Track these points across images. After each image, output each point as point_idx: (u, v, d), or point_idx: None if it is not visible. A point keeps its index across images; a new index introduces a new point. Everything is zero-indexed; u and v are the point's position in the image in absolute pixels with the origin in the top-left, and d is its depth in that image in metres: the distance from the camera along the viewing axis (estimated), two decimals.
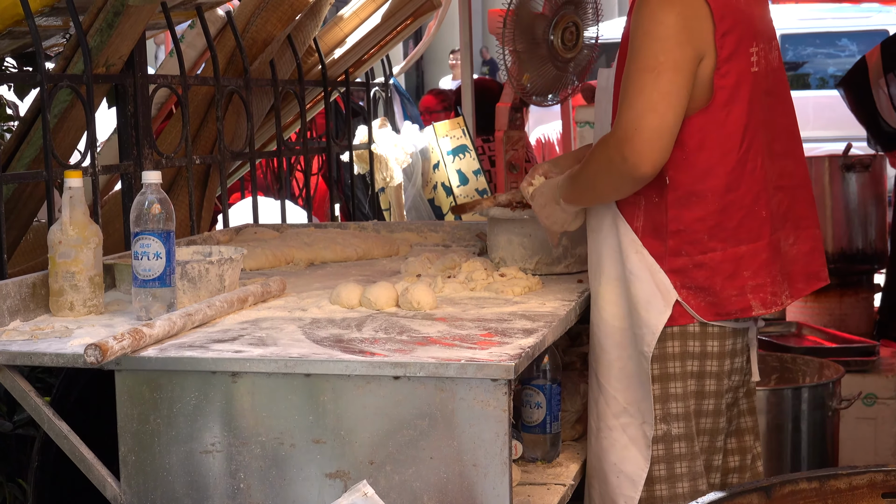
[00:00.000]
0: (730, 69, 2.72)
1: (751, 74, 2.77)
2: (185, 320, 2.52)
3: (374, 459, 2.27)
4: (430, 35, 6.34)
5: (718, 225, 2.75)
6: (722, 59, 2.70)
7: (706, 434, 2.87)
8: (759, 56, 2.80)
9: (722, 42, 2.70)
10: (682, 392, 2.81)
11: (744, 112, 2.75)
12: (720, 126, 2.74)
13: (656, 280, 2.77)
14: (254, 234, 3.91)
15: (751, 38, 2.78)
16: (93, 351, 2.25)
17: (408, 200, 5.63)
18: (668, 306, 2.77)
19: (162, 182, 2.68)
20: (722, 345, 2.83)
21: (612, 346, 2.86)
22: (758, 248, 2.77)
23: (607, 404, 2.88)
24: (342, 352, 2.33)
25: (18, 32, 3.71)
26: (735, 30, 2.73)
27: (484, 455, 2.23)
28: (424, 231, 4.00)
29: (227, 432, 2.33)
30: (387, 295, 2.78)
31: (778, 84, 2.90)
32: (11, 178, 3.23)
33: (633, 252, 2.80)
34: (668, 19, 2.65)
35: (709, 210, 2.74)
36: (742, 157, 2.75)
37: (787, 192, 2.88)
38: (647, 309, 2.78)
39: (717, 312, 2.77)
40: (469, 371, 2.22)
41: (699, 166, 2.74)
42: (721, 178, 2.74)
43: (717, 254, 2.75)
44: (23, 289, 2.74)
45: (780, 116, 2.89)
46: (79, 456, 2.44)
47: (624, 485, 2.84)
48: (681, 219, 2.76)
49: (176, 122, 4.17)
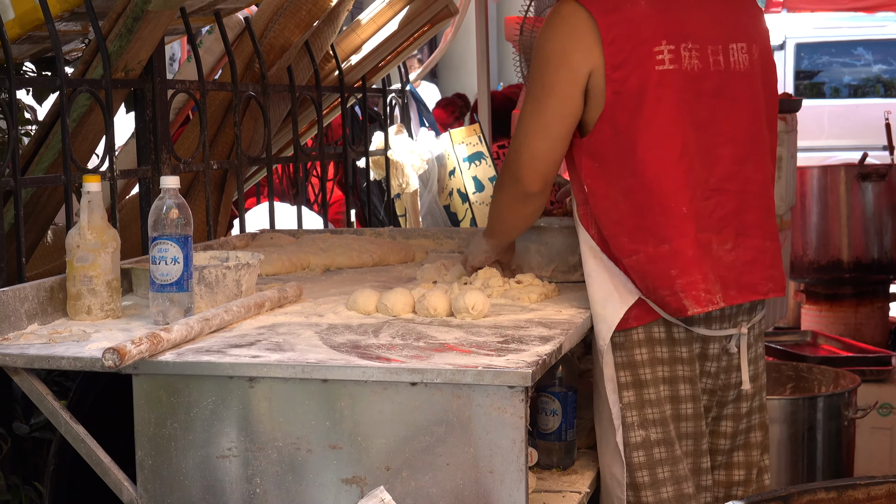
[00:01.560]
0: (626, 74, 2.76)
1: (656, 74, 2.77)
2: (202, 325, 2.52)
3: (390, 465, 2.27)
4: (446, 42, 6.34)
5: (637, 225, 2.78)
6: (611, 67, 2.75)
7: (689, 438, 2.90)
8: (686, 54, 2.80)
9: (610, 49, 2.75)
10: (655, 398, 2.85)
11: (648, 113, 2.77)
12: (622, 130, 2.78)
13: (615, 281, 2.83)
14: (270, 240, 3.91)
15: (658, 38, 2.78)
16: (111, 355, 2.25)
17: (423, 207, 5.62)
18: (624, 304, 2.82)
19: (180, 187, 2.68)
20: (690, 350, 2.87)
21: (595, 350, 2.91)
22: (682, 246, 2.78)
23: (599, 409, 2.93)
24: (359, 357, 2.33)
25: (38, 37, 3.72)
26: (628, 35, 2.76)
27: (500, 462, 2.23)
28: (440, 238, 4.00)
29: (244, 437, 2.33)
30: (403, 301, 2.78)
31: (732, 87, 2.87)
32: (30, 182, 3.23)
33: (592, 257, 2.87)
34: (549, 44, 2.81)
35: (623, 212, 2.80)
36: (650, 156, 2.77)
37: (731, 197, 2.86)
38: (604, 306, 2.83)
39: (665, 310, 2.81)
40: (486, 378, 2.22)
41: (610, 171, 2.80)
42: (629, 179, 2.78)
43: (641, 255, 2.79)
44: (41, 292, 2.75)
45: (728, 119, 2.87)
46: (95, 460, 2.44)
47: (615, 485, 2.88)
48: (607, 224, 2.82)
49: (193, 127, 4.18)
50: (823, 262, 5.73)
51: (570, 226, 3.08)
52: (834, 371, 4.36)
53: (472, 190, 5.66)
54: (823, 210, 5.78)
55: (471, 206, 5.63)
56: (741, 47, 2.89)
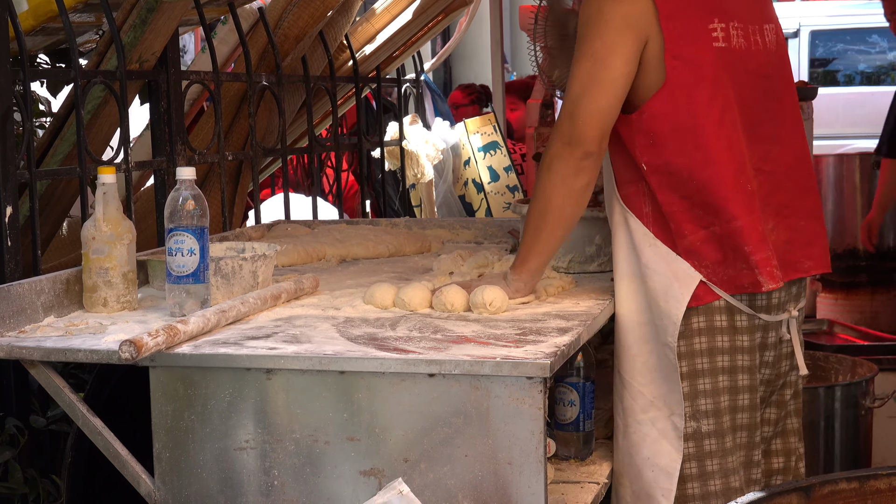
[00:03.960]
0: (682, 49, 2.72)
1: (714, 51, 2.75)
2: (218, 317, 2.51)
3: (408, 457, 2.26)
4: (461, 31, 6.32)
5: (705, 202, 2.74)
6: (670, 41, 2.71)
7: (744, 430, 2.84)
8: (734, 33, 2.79)
9: (668, 24, 2.71)
10: (711, 388, 2.79)
11: (709, 88, 2.74)
12: (683, 105, 2.73)
13: (673, 269, 2.76)
14: (286, 231, 3.91)
15: (710, 15, 2.76)
16: (128, 347, 2.24)
17: (438, 197, 5.61)
18: (687, 292, 2.75)
19: (196, 178, 2.67)
20: (752, 338, 2.81)
21: (634, 342, 2.85)
22: (752, 222, 2.76)
23: (633, 399, 2.86)
24: (377, 349, 2.32)
25: (52, 29, 3.71)
26: (683, 9, 2.73)
27: (519, 453, 2.22)
28: (456, 228, 3.98)
29: (262, 429, 2.32)
30: (420, 296, 2.76)
31: (768, 67, 2.87)
32: (45, 175, 3.23)
33: (647, 246, 2.79)
34: (608, 6, 2.73)
35: (689, 188, 2.74)
36: (714, 132, 2.74)
37: (767, 177, 2.84)
38: (666, 300, 2.77)
39: (736, 286, 2.76)
40: (504, 369, 2.20)
41: (669, 147, 2.75)
42: (693, 155, 2.74)
43: (714, 230, 2.74)
44: (57, 285, 2.74)
45: (767, 100, 2.86)
46: (113, 452, 2.44)
47: (660, 478, 2.81)
48: (670, 201, 2.76)
49: (208, 118, 4.17)
50: (839, 250, 5.71)
51: (587, 216, 3.05)
52: (851, 360, 4.33)
53: (488, 179, 5.65)
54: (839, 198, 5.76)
55: (486, 195, 5.62)
56: (771, 28, 2.90)
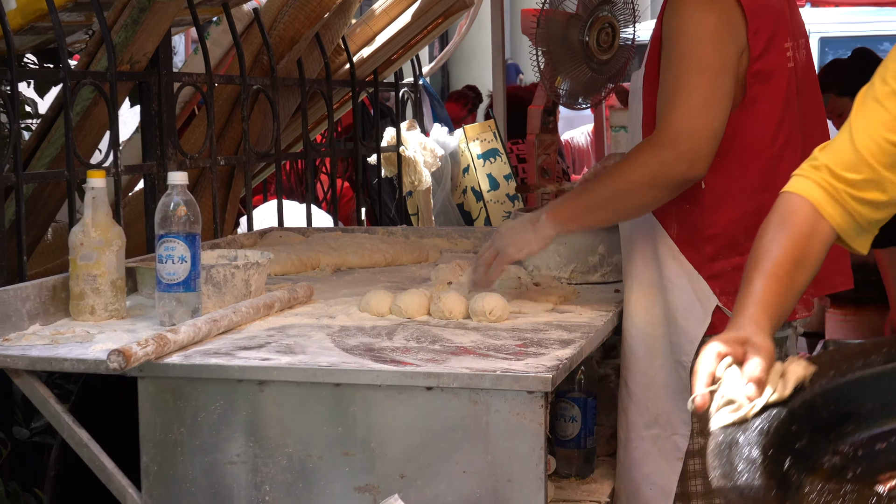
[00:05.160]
0: (763, 66, 2.72)
1: (787, 70, 2.76)
2: (210, 326, 2.51)
3: (404, 473, 2.26)
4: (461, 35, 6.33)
5: (754, 226, 2.72)
6: (754, 57, 2.70)
7: None
8: (795, 52, 2.80)
9: (755, 40, 2.69)
10: None
11: (777, 109, 2.74)
12: (752, 124, 2.73)
13: (695, 288, 2.76)
14: (279, 238, 3.91)
15: (785, 34, 2.77)
16: (116, 357, 2.24)
17: (436, 205, 5.61)
18: (707, 314, 2.75)
19: (188, 183, 2.67)
20: None
21: (645, 354, 2.85)
22: None
23: (639, 414, 2.86)
24: (373, 361, 2.32)
25: (40, 28, 3.72)
26: (766, 26, 2.72)
27: (519, 470, 2.22)
28: (455, 237, 3.98)
29: (253, 443, 2.31)
30: (418, 303, 2.77)
31: (808, 83, 2.88)
32: (32, 178, 3.23)
33: (671, 259, 2.79)
34: (709, 18, 2.66)
35: (744, 210, 2.73)
36: (776, 154, 2.74)
37: None
38: (686, 318, 2.77)
39: None
40: (505, 382, 2.20)
41: (733, 167, 2.73)
42: (754, 177, 2.73)
43: None
44: (43, 291, 2.74)
45: (809, 118, 2.87)
46: (99, 465, 2.43)
47: (657, 497, 2.83)
48: (716, 222, 2.75)
49: (200, 121, 4.17)
50: None
51: None
52: None
53: (487, 188, 5.65)
54: None
55: (485, 204, 5.62)
56: (803, 42, 2.90)
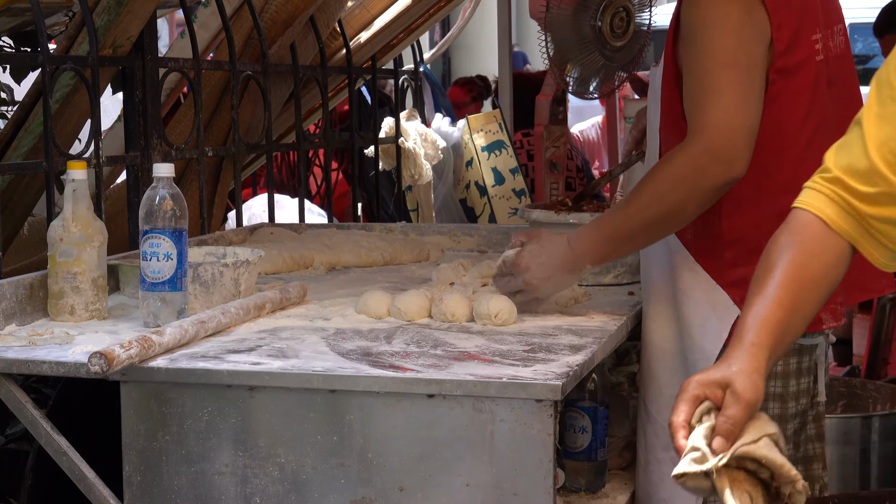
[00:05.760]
0: (787, 62, 2.70)
1: (815, 64, 2.74)
2: (197, 328, 2.52)
3: (403, 485, 2.26)
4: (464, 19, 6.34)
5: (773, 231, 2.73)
6: (779, 53, 2.69)
7: None
8: (824, 42, 2.77)
9: (778, 35, 2.68)
10: None
11: (801, 106, 2.73)
12: (774, 123, 2.71)
13: (712, 299, 2.75)
14: (270, 235, 3.90)
15: (812, 25, 2.75)
16: (97, 360, 2.24)
17: (437, 200, 5.60)
18: (724, 328, 2.73)
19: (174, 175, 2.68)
20: (786, 363, 2.80)
21: (662, 372, 2.85)
22: None
23: (656, 435, 2.86)
24: (370, 366, 2.32)
25: (17, 9, 3.72)
26: (791, 19, 2.70)
27: (526, 483, 2.22)
28: (458, 235, 3.99)
29: (243, 452, 2.32)
30: (418, 304, 2.77)
31: (841, 74, 2.85)
32: (8, 169, 3.24)
33: (686, 270, 2.78)
34: (734, 12, 2.65)
35: (766, 214, 2.71)
36: (799, 154, 2.72)
37: None
38: (702, 333, 2.77)
39: None
40: (511, 390, 2.20)
41: (753, 168, 2.71)
42: (777, 178, 2.72)
43: None
44: (19, 290, 2.74)
45: (844, 110, 2.85)
46: (79, 474, 2.43)
47: None
48: (737, 227, 2.74)
49: (187, 109, 4.17)
50: None
51: None
52: (890, 388, 4.33)
53: (492, 182, 5.64)
54: None
55: (489, 200, 5.61)
56: (840, 28, 2.86)
